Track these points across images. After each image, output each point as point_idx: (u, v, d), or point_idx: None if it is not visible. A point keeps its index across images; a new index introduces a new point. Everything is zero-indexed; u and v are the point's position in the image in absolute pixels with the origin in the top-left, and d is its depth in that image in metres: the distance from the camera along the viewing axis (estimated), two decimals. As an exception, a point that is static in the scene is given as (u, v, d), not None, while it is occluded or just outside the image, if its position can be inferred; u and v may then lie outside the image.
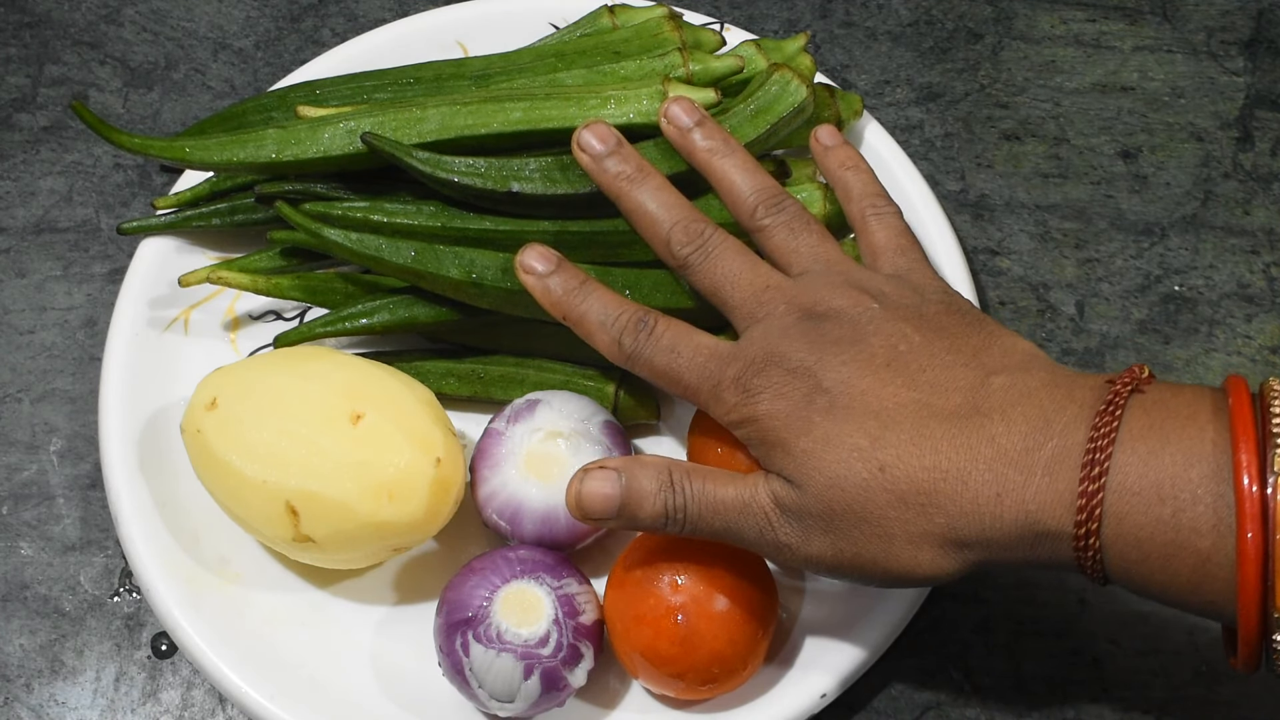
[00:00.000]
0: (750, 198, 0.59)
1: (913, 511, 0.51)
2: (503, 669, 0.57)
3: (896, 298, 0.55)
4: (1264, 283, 0.73)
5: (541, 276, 0.59)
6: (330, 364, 0.62)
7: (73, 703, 0.64)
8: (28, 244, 0.74)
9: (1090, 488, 0.49)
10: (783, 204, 0.59)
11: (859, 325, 0.54)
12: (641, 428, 0.68)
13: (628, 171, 0.60)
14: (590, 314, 0.58)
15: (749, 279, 0.57)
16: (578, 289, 0.58)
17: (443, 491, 0.60)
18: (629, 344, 0.57)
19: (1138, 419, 0.50)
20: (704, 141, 0.61)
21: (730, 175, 0.60)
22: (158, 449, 0.65)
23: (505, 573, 0.59)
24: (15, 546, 0.67)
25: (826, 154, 0.64)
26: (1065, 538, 0.50)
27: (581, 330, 0.58)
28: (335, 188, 0.67)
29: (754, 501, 0.54)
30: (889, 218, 0.60)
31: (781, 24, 0.81)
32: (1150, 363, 0.71)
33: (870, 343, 0.54)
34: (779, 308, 0.55)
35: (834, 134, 0.64)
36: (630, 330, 0.57)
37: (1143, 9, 0.81)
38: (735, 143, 0.61)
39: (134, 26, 0.81)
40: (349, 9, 0.81)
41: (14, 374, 0.71)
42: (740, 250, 0.58)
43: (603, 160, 0.60)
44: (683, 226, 0.58)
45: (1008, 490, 0.50)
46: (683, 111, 0.61)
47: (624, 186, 0.59)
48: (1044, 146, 0.77)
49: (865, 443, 0.52)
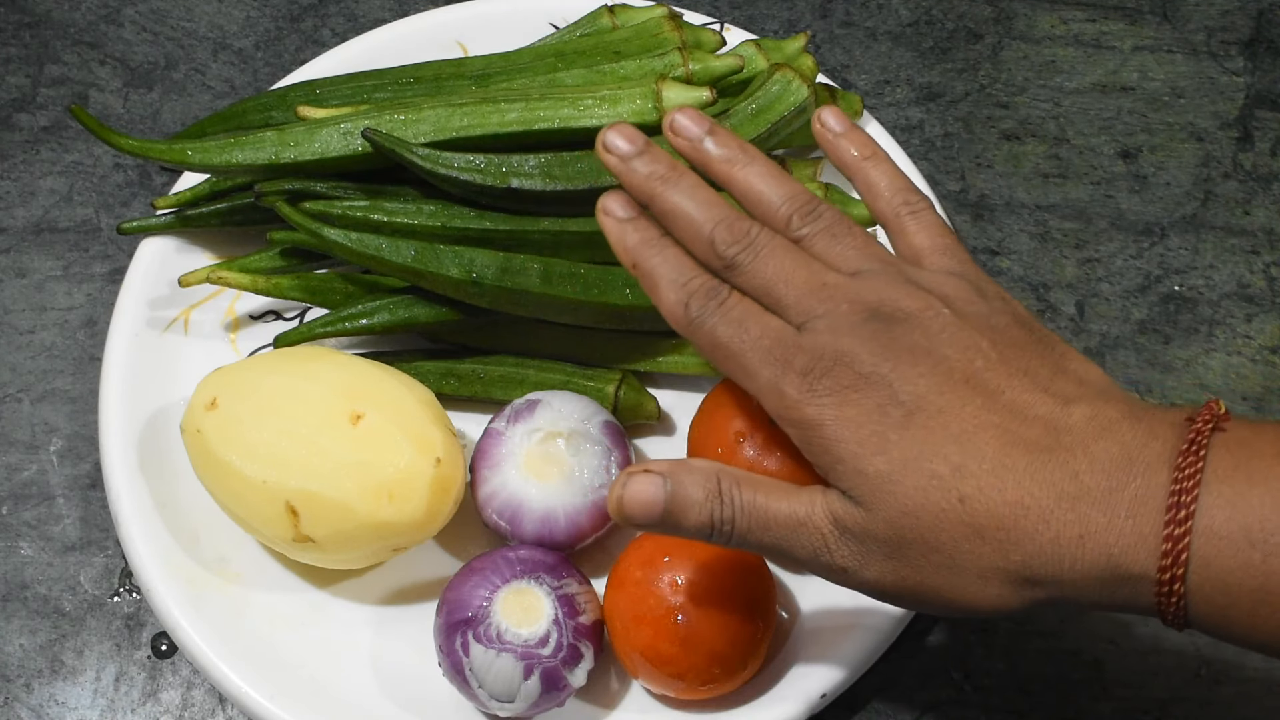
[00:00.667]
0: (783, 207, 0.54)
1: (989, 546, 0.49)
2: (503, 669, 0.57)
3: (964, 303, 0.52)
4: (1264, 283, 0.73)
5: (620, 220, 0.54)
6: (330, 364, 0.62)
7: (73, 703, 0.64)
8: (28, 244, 0.74)
9: (1175, 531, 0.47)
10: (818, 210, 0.54)
11: (931, 333, 0.51)
12: (641, 428, 0.68)
13: (660, 171, 0.54)
14: (662, 269, 0.53)
15: (804, 275, 0.52)
16: (656, 240, 0.54)
17: (443, 491, 0.60)
18: (696, 308, 0.52)
19: (1221, 459, 0.47)
20: (719, 150, 0.55)
21: (755, 185, 0.55)
22: (158, 449, 0.65)
23: (505, 573, 0.59)
24: (15, 546, 0.67)
25: (837, 141, 0.57)
26: (1148, 582, 0.48)
27: (648, 284, 0.53)
28: (335, 187, 0.67)
29: (810, 519, 0.51)
30: (926, 215, 0.55)
31: (781, 24, 0.81)
32: (1150, 363, 0.71)
33: (946, 355, 0.50)
34: (842, 305, 0.51)
35: (840, 117, 0.58)
36: (700, 295, 0.52)
37: (1143, 9, 0.81)
38: (753, 149, 0.56)
39: (134, 26, 0.81)
40: (349, 9, 0.81)
41: (14, 374, 0.71)
42: (790, 247, 0.53)
43: (631, 161, 0.54)
44: (726, 225, 0.53)
45: (1091, 531, 0.48)
46: (690, 121, 0.56)
47: (657, 187, 0.54)
48: (1044, 146, 0.77)
49: (945, 470, 0.49)
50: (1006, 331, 0.52)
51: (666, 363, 0.68)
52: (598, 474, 0.61)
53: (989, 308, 0.52)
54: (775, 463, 0.60)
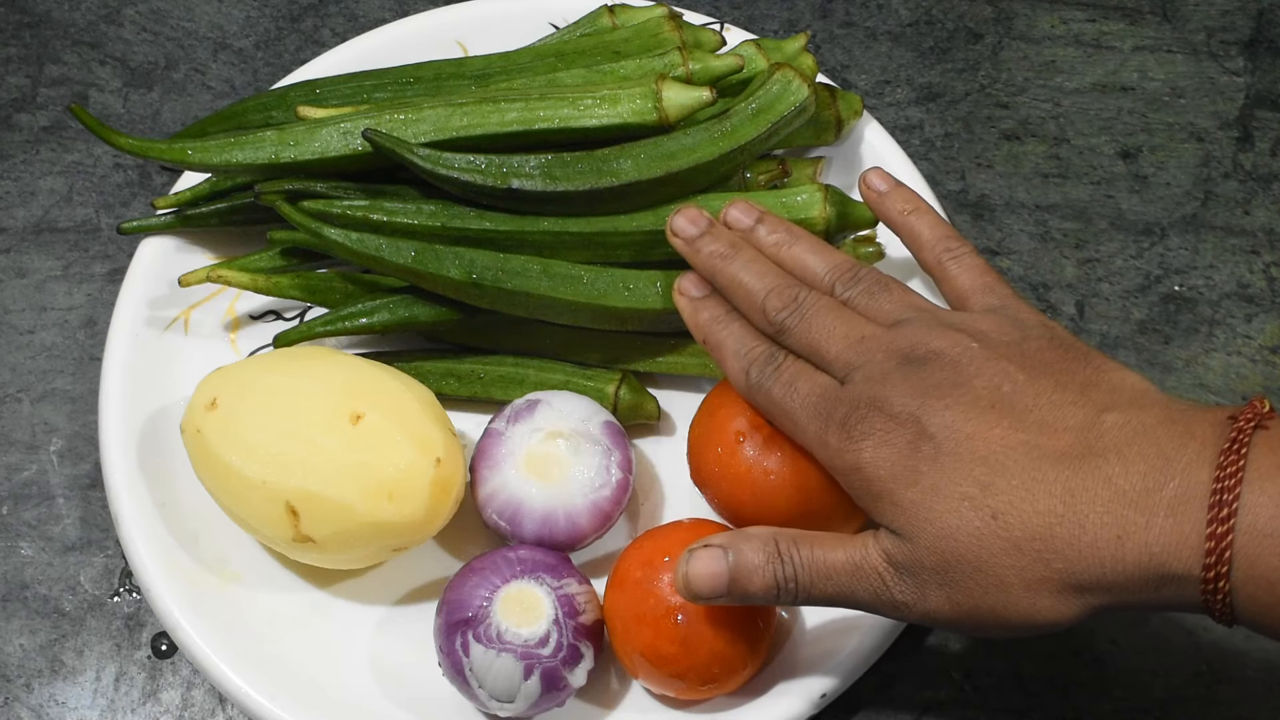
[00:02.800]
0: (827, 275, 0.59)
1: (1028, 558, 0.50)
2: (503, 669, 0.57)
3: (996, 335, 0.54)
4: (1264, 283, 0.73)
5: (693, 300, 0.61)
6: (330, 364, 0.62)
7: (73, 703, 0.64)
8: (28, 244, 0.74)
9: (1219, 530, 0.47)
10: (858, 275, 0.59)
11: (960, 367, 0.53)
12: (641, 428, 0.68)
13: (720, 249, 0.60)
14: (728, 341, 0.59)
15: (844, 331, 0.56)
16: (723, 316, 0.60)
17: (443, 491, 0.60)
18: (755, 374, 0.57)
19: (1264, 457, 0.48)
20: (769, 235, 0.61)
21: (802, 259, 0.60)
22: (158, 449, 0.65)
23: (505, 573, 0.59)
24: (15, 546, 0.67)
25: (883, 200, 0.63)
26: (1193, 581, 0.48)
27: (717, 355, 0.60)
28: (335, 187, 0.67)
29: (865, 562, 0.53)
30: (967, 258, 0.59)
31: (781, 24, 0.81)
32: (1150, 363, 0.71)
33: (973, 384, 0.52)
34: (877, 355, 0.55)
35: (885, 177, 0.63)
36: (759, 362, 0.58)
37: (1143, 9, 0.81)
38: (798, 229, 0.61)
39: (134, 26, 0.81)
40: (349, 9, 0.81)
41: (14, 374, 0.71)
42: (834, 307, 0.58)
43: (696, 241, 0.61)
44: (777, 292, 0.58)
45: (1129, 533, 0.48)
46: (741, 214, 0.62)
47: (717, 264, 0.60)
48: (1044, 146, 0.77)
49: (975, 490, 0.50)
50: (1038, 355, 0.54)
51: (666, 363, 0.68)
52: (598, 474, 0.61)
53: (1022, 334, 0.54)
54: (775, 462, 0.60)
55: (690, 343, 0.67)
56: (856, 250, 0.68)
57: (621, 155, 0.66)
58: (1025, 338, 0.54)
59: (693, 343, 0.67)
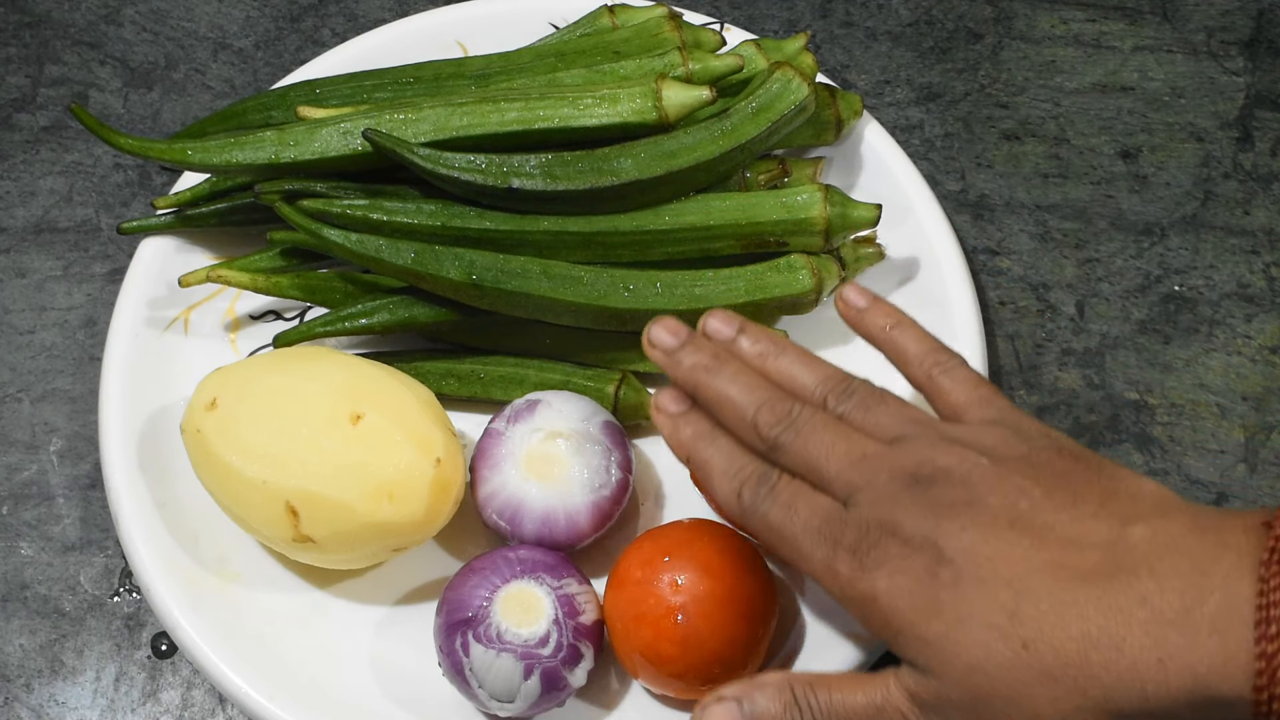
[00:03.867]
0: (818, 389, 0.55)
1: (1063, 687, 0.47)
2: (503, 669, 0.57)
3: (1004, 449, 0.51)
4: (1264, 283, 0.73)
5: (672, 416, 0.57)
6: (330, 364, 0.62)
7: (73, 703, 0.64)
8: (28, 244, 0.74)
9: (1269, 648, 0.44)
10: (851, 387, 0.55)
11: (971, 484, 0.50)
12: (641, 428, 0.67)
13: (703, 361, 0.56)
14: (715, 460, 0.55)
15: (844, 448, 0.53)
16: (707, 433, 0.56)
17: (443, 491, 0.60)
18: (748, 496, 0.54)
19: None
20: (752, 347, 0.57)
21: (790, 372, 0.56)
22: (158, 449, 0.65)
23: (505, 573, 0.59)
24: (15, 546, 0.67)
25: (863, 317, 0.59)
26: (1243, 703, 0.45)
27: (703, 474, 0.56)
28: (335, 187, 0.67)
29: (888, 703, 0.50)
30: (958, 371, 0.56)
31: (781, 24, 0.81)
32: (1150, 363, 0.71)
33: (988, 502, 0.50)
34: (881, 475, 0.51)
35: (861, 292, 0.59)
36: (751, 482, 0.54)
37: (1143, 9, 0.81)
38: (782, 339, 0.57)
39: (134, 26, 0.81)
40: (349, 9, 0.81)
41: (14, 374, 0.71)
42: (830, 422, 0.54)
43: (676, 354, 0.57)
44: (769, 406, 0.54)
45: (1171, 654, 0.46)
46: (721, 324, 0.57)
47: (701, 376, 0.56)
48: (1044, 146, 0.77)
49: (1003, 619, 0.48)
50: (1050, 466, 0.51)
51: (666, 363, 0.68)
52: (598, 474, 0.61)
53: (1030, 447, 0.52)
54: (775, 463, 0.60)
55: (690, 343, 0.67)
56: (857, 251, 0.68)
57: (622, 155, 0.66)
58: (1033, 449, 0.52)
59: (693, 343, 0.67)
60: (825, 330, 0.69)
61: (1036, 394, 0.70)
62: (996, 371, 0.70)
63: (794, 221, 0.66)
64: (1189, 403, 0.70)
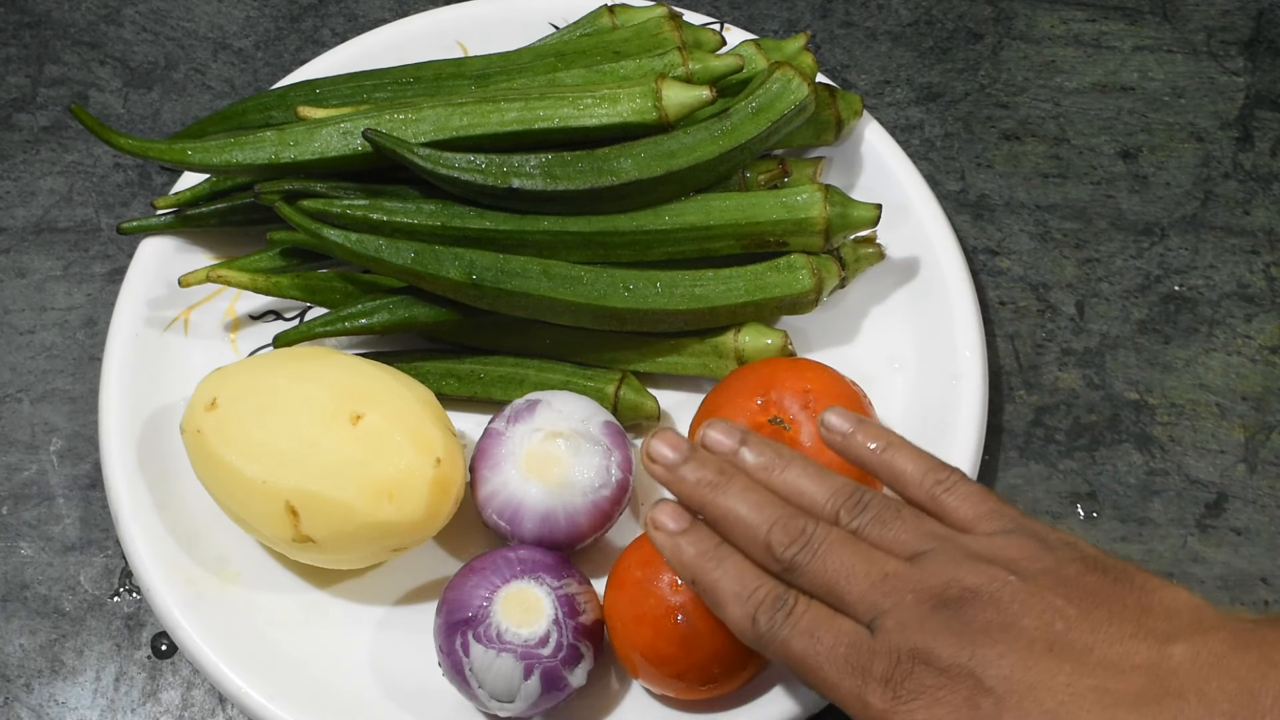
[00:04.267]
0: (829, 503, 0.53)
1: None
2: (503, 669, 0.57)
3: (1029, 562, 0.50)
4: (1264, 283, 0.73)
5: (672, 535, 0.54)
6: (330, 364, 0.62)
7: (73, 703, 0.64)
8: (28, 244, 0.74)
9: None
10: (864, 499, 0.53)
11: (1003, 605, 0.48)
12: (641, 428, 0.67)
13: (708, 477, 0.54)
14: (723, 582, 0.53)
15: (864, 569, 0.51)
16: (712, 552, 0.53)
17: (443, 491, 0.60)
18: (764, 623, 0.51)
19: None
20: (756, 460, 0.55)
21: (798, 485, 0.54)
22: (158, 449, 0.65)
23: (505, 573, 0.59)
24: (15, 546, 0.67)
25: (849, 441, 0.56)
26: None
27: (711, 598, 0.53)
28: (335, 187, 0.67)
29: None
30: (961, 487, 0.53)
31: (781, 24, 0.81)
32: (1150, 363, 0.71)
33: (1023, 624, 0.48)
34: (906, 597, 0.49)
35: (843, 415, 0.56)
36: (768, 607, 0.51)
37: (1143, 9, 0.81)
38: (787, 450, 0.55)
39: (134, 26, 0.81)
40: (349, 9, 0.81)
41: (14, 374, 0.71)
42: (848, 540, 0.52)
43: (679, 469, 0.54)
44: (782, 525, 0.52)
45: None
46: (722, 435, 0.55)
47: (707, 494, 0.54)
48: (1044, 146, 0.77)
49: None
50: (1079, 581, 0.49)
51: (666, 363, 0.68)
52: (598, 474, 0.61)
53: (1055, 559, 0.50)
54: (775, 463, 0.60)
55: (690, 343, 0.67)
56: (857, 251, 0.68)
57: (622, 154, 0.66)
58: (1058, 561, 0.50)
59: (693, 342, 0.67)
60: (825, 330, 0.69)
61: (1036, 394, 0.70)
62: (996, 371, 0.70)
63: (794, 221, 0.66)
64: (1189, 403, 0.70)
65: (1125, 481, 0.68)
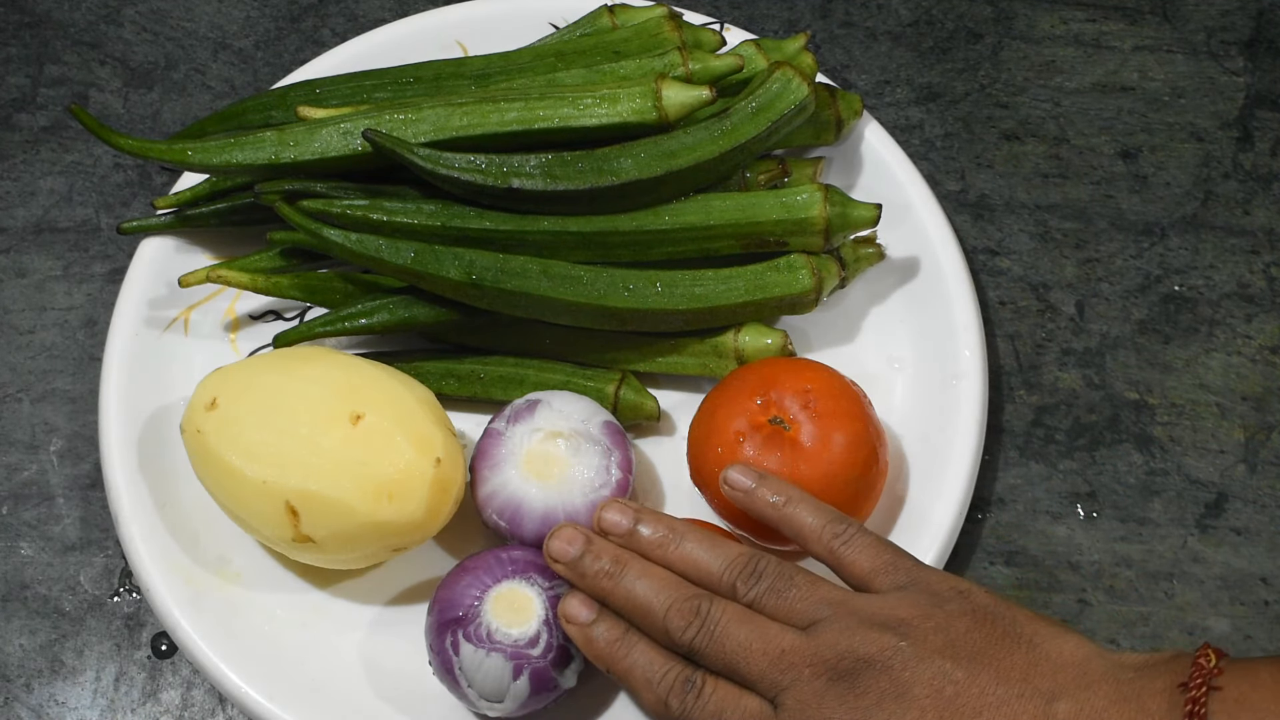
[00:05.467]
0: (725, 574, 0.55)
1: None
2: (492, 669, 0.57)
3: (920, 623, 0.52)
4: (1264, 283, 0.73)
5: (583, 626, 0.56)
6: (330, 364, 0.62)
7: (73, 703, 0.64)
8: (28, 244, 0.74)
9: None
10: (759, 569, 0.55)
11: (894, 673, 0.51)
12: (641, 428, 0.67)
13: (604, 567, 0.56)
14: (635, 670, 0.55)
15: (761, 647, 0.53)
16: (620, 640, 0.55)
17: (443, 491, 0.60)
18: (676, 706, 0.53)
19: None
20: (651, 534, 0.57)
21: (693, 557, 0.56)
22: (158, 449, 0.65)
23: (497, 572, 0.59)
24: (15, 546, 0.67)
25: (751, 497, 0.58)
26: None
27: (626, 683, 0.55)
28: (335, 187, 0.67)
29: None
30: (858, 540, 0.56)
31: (781, 24, 0.81)
32: (1150, 363, 0.71)
33: (913, 693, 0.50)
34: (804, 672, 0.52)
35: (746, 472, 0.59)
36: (678, 691, 0.53)
37: (1143, 9, 0.81)
38: (680, 524, 0.57)
39: (134, 26, 0.81)
40: (349, 9, 0.81)
41: (14, 374, 0.71)
42: (743, 617, 0.54)
43: (579, 564, 0.57)
44: (677, 609, 0.54)
45: None
46: (618, 516, 0.57)
47: (605, 584, 0.56)
48: (1044, 146, 0.77)
49: None
50: (968, 639, 0.51)
51: (666, 363, 0.68)
52: (598, 474, 0.61)
53: (946, 614, 0.52)
54: (775, 462, 0.60)
55: (690, 343, 0.67)
56: (857, 251, 0.68)
57: (622, 154, 0.66)
58: (949, 618, 0.52)
59: (693, 342, 0.67)
60: (825, 330, 0.69)
61: (1036, 394, 0.70)
62: (996, 371, 0.70)
63: (794, 221, 0.66)
64: (1189, 403, 0.70)
65: (1125, 481, 0.68)
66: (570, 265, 0.65)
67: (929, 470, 0.65)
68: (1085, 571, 0.66)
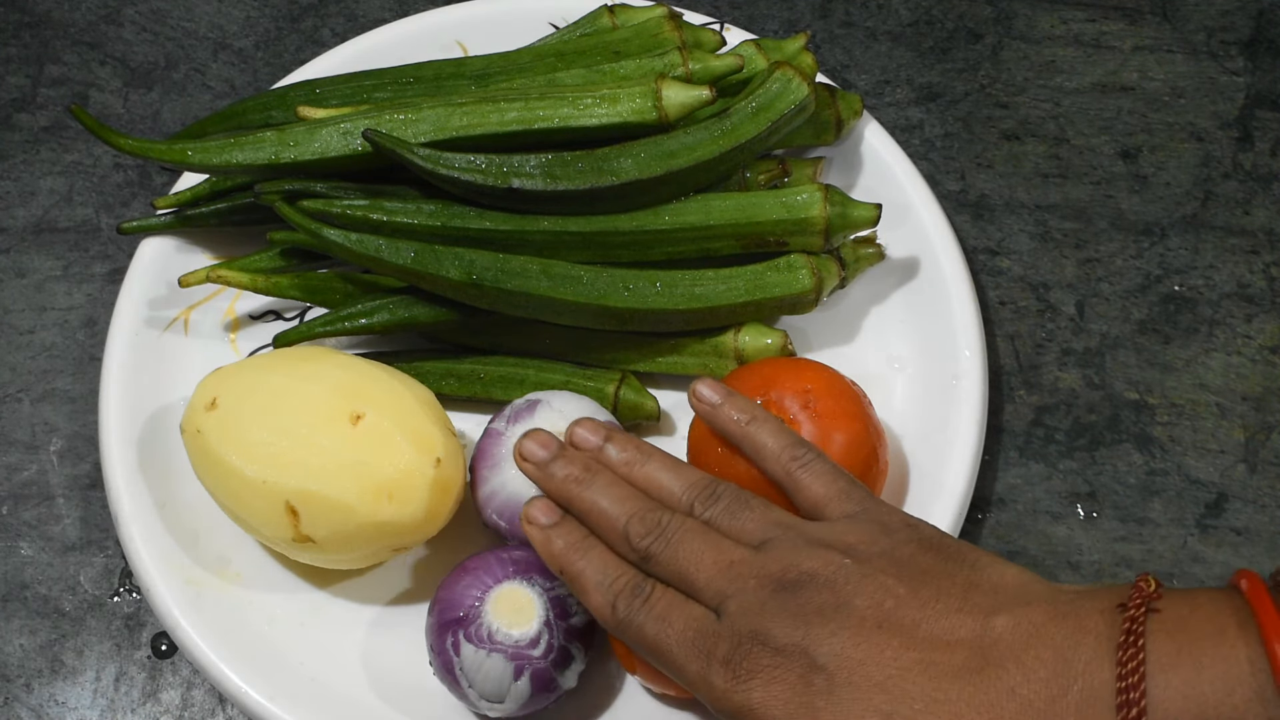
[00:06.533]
0: (684, 495, 0.57)
1: None
2: (493, 669, 0.57)
3: (866, 546, 0.53)
4: (1264, 283, 0.73)
5: (544, 529, 0.57)
6: (330, 364, 0.62)
7: (73, 703, 0.64)
8: (28, 244, 0.74)
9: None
10: (717, 492, 0.56)
11: (837, 587, 0.51)
12: (641, 428, 0.67)
13: (574, 473, 0.58)
14: (587, 571, 0.56)
15: (712, 557, 0.54)
16: (579, 544, 0.56)
17: (443, 492, 0.60)
18: (622, 609, 0.54)
19: (1162, 645, 0.47)
20: (619, 455, 0.58)
21: (656, 478, 0.57)
22: (158, 449, 0.65)
23: (498, 573, 0.59)
24: (15, 546, 0.67)
25: (716, 413, 0.60)
26: None
27: (577, 588, 0.56)
28: (335, 187, 0.67)
29: None
30: (816, 464, 0.57)
31: (781, 24, 0.81)
32: (1150, 363, 0.71)
33: (855, 604, 0.51)
34: (749, 583, 0.52)
35: (716, 387, 0.60)
36: (626, 594, 0.54)
37: (1143, 9, 0.81)
38: (648, 446, 0.59)
39: (134, 26, 0.81)
40: (349, 9, 0.81)
41: (14, 374, 0.71)
42: (699, 530, 0.55)
43: (548, 467, 0.58)
44: (639, 517, 0.55)
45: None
46: (588, 433, 0.59)
47: (572, 489, 0.57)
48: (1044, 146, 0.77)
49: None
50: (912, 562, 0.52)
51: (666, 363, 0.68)
52: (597, 474, 0.61)
53: (892, 541, 0.53)
54: (775, 463, 0.60)
55: (690, 342, 0.67)
56: (857, 251, 0.68)
57: (622, 154, 0.66)
58: (895, 544, 0.52)
59: (693, 342, 0.67)
60: (825, 330, 0.69)
61: (1036, 394, 0.70)
62: (996, 371, 0.70)
63: (794, 221, 0.66)
64: (1189, 403, 0.70)
65: (1125, 481, 0.68)
66: (570, 265, 0.65)
67: (929, 470, 0.65)
68: (1085, 571, 0.66)
